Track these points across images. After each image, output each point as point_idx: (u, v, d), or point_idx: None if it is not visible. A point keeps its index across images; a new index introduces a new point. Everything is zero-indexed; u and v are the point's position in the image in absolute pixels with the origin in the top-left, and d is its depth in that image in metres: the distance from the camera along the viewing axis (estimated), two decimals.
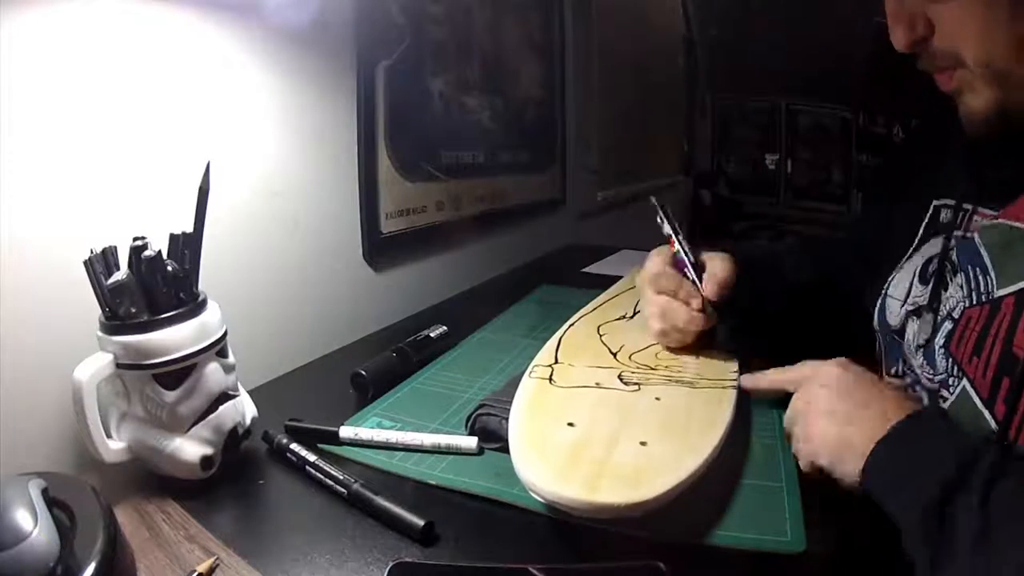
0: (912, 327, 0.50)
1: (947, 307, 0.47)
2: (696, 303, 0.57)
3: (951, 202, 0.49)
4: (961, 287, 0.46)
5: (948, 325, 0.46)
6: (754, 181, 3.39)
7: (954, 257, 0.48)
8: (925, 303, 0.49)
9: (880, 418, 0.39)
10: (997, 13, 0.39)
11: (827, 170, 3.23)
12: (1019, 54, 0.40)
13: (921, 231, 0.52)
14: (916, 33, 0.43)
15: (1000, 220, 0.44)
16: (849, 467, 0.39)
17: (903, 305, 0.52)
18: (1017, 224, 0.43)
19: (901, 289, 0.53)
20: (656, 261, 0.61)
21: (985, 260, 0.44)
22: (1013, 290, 0.41)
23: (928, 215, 0.52)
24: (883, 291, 0.55)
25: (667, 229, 0.61)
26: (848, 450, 0.40)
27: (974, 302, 0.44)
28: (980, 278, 0.44)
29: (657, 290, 0.60)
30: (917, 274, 0.51)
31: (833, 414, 0.42)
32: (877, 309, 0.56)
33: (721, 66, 3.02)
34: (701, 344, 0.60)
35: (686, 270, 0.58)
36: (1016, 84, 0.41)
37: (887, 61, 0.46)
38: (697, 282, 0.57)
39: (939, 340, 0.46)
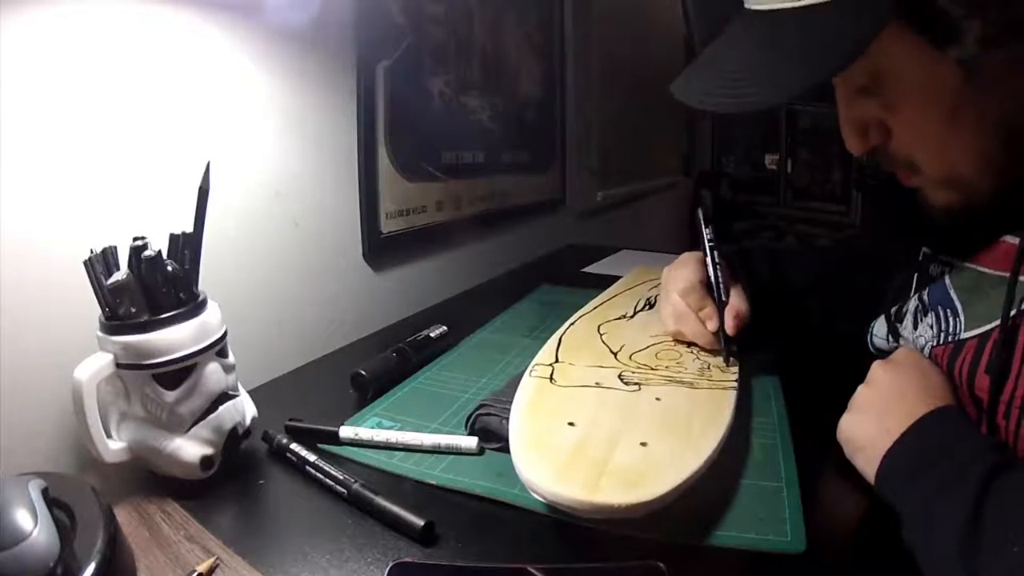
0: None
1: (917, 346, 0.49)
2: (712, 325, 0.59)
3: (940, 256, 0.50)
4: (931, 327, 0.47)
5: None
6: (754, 181, 3.39)
7: (925, 298, 0.49)
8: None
9: (886, 434, 0.40)
10: (958, 127, 0.39)
11: (827, 170, 3.23)
12: (980, 165, 0.40)
13: (916, 279, 0.52)
14: (870, 141, 0.43)
15: (969, 265, 0.45)
16: (863, 467, 0.42)
17: (888, 343, 0.54)
18: (985, 270, 0.44)
19: (882, 328, 0.55)
20: (690, 271, 0.62)
21: (955, 302, 0.45)
22: (977, 333, 0.42)
23: (920, 260, 0.52)
24: (870, 328, 0.57)
25: (707, 245, 0.62)
26: (860, 453, 0.43)
27: (940, 342, 0.46)
28: (950, 319, 0.45)
29: (684, 301, 0.61)
30: (894, 314, 0.53)
31: (859, 411, 0.44)
32: (869, 336, 0.58)
33: None
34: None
35: (714, 293, 0.60)
36: (975, 188, 0.41)
37: None
38: (721, 309, 0.59)
39: None
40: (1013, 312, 0.39)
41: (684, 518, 0.39)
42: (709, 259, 0.61)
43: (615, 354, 0.58)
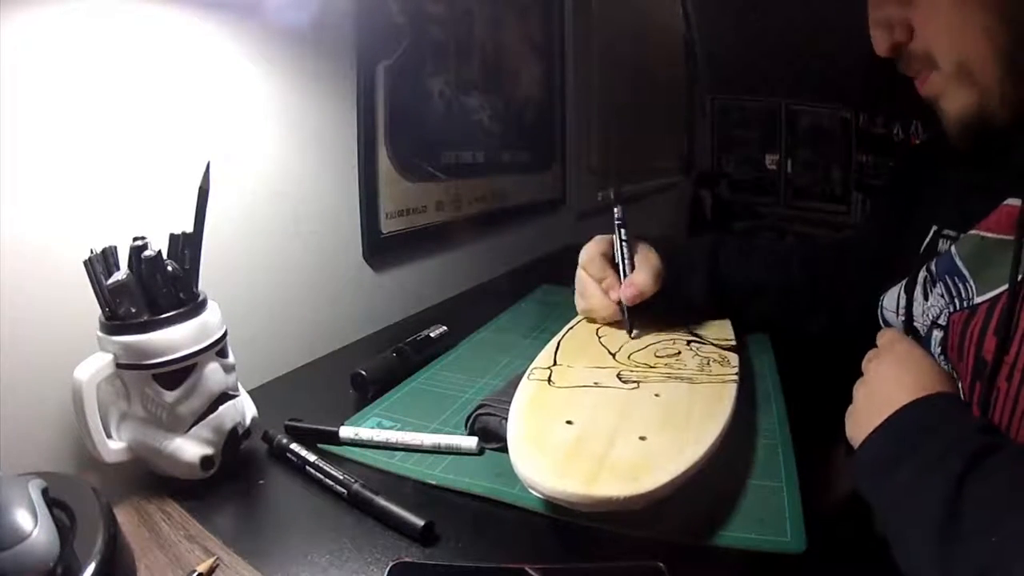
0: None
1: (930, 316, 0.49)
2: (614, 295, 0.63)
3: (946, 231, 0.51)
4: (942, 296, 0.48)
5: (938, 334, 0.48)
6: (754, 181, 3.39)
7: (932, 268, 0.49)
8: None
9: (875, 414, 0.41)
10: (967, 13, 0.41)
11: (827, 170, 3.23)
12: (989, 52, 0.40)
13: (922, 251, 0.53)
14: (895, 38, 0.45)
15: (973, 232, 0.46)
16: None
17: (897, 316, 0.54)
18: (988, 234, 0.44)
19: (891, 300, 0.56)
20: (595, 246, 0.67)
21: (963, 270, 0.46)
22: (989, 296, 0.43)
23: (928, 239, 0.53)
24: (880, 303, 0.58)
25: (617, 222, 0.67)
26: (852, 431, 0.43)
27: (957, 308, 0.46)
28: (960, 285, 0.46)
29: (586, 271, 0.66)
30: (904, 287, 0.53)
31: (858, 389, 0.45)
32: (880, 310, 0.58)
33: (721, 66, 3.02)
34: (700, 342, 0.60)
35: (617, 265, 0.65)
36: (988, 86, 0.41)
37: (887, 61, 0.47)
38: (621, 280, 0.63)
39: (936, 349, 0.48)
40: (1020, 277, 0.39)
41: (684, 518, 0.39)
42: (616, 235, 0.65)
43: (613, 355, 0.58)
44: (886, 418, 0.39)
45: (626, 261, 0.64)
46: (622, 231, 0.65)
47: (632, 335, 0.61)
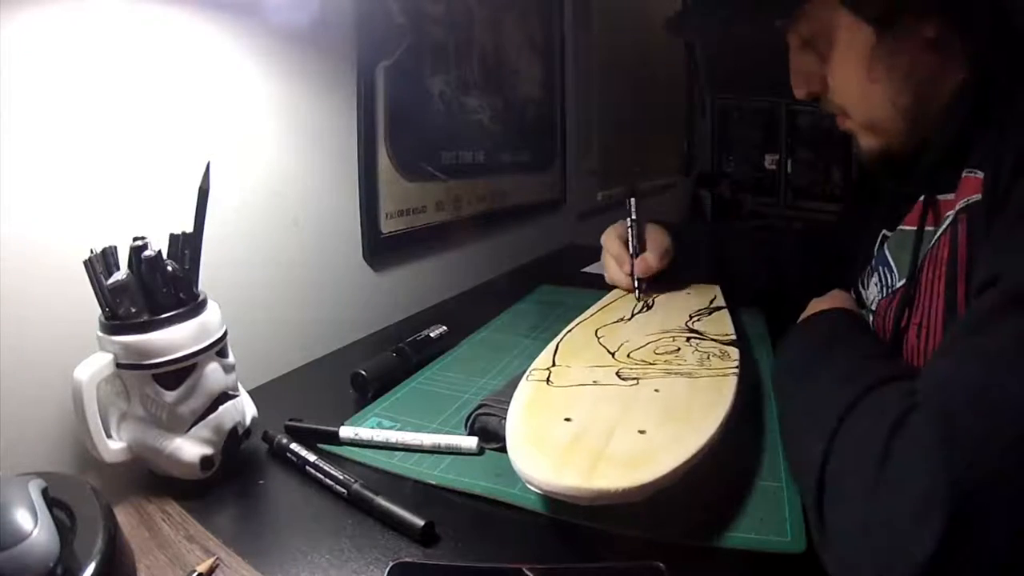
0: None
1: (869, 301, 0.59)
2: (626, 268, 0.78)
3: (884, 232, 0.60)
4: (876, 284, 0.58)
5: (871, 317, 0.57)
6: (754, 181, 3.39)
7: (872, 263, 0.59)
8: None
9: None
10: (873, 79, 0.48)
11: (827, 170, 3.23)
12: (893, 113, 0.49)
13: (875, 254, 0.61)
14: (811, 88, 0.54)
15: (900, 227, 0.55)
16: None
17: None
18: (908, 228, 0.53)
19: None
20: (613, 230, 0.83)
21: (889, 260, 0.56)
22: (902, 283, 0.52)
23: (879, 242, 0.61)
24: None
25: (630, 211, 0.82)
26: None
27: (884, 295, 0.55)
28: (887, 275, 0.55)
29: (605, 250, 0.82)
30: (860, 281, 0.63)
31: None
32: None
33: (721, 66, 3.02)
34: (702, 337, 0.61)
35: (628, 244, 0.80)
36: (892, 135, 0.51)
37: None
38: (633, 257, 0.78)
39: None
40: (921, 259, 0.49)
41: (684, 518, 0.39)
42: (628, 221, 0.80)
43: (612, 354, 0.58)
44: (798, 321, 0.53)
45: (634, 242, 0.79)
46: (632, 218, 0.80)
47: (639, 298, 0.76)
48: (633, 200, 0.82)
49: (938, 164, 0.48)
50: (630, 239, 0.80)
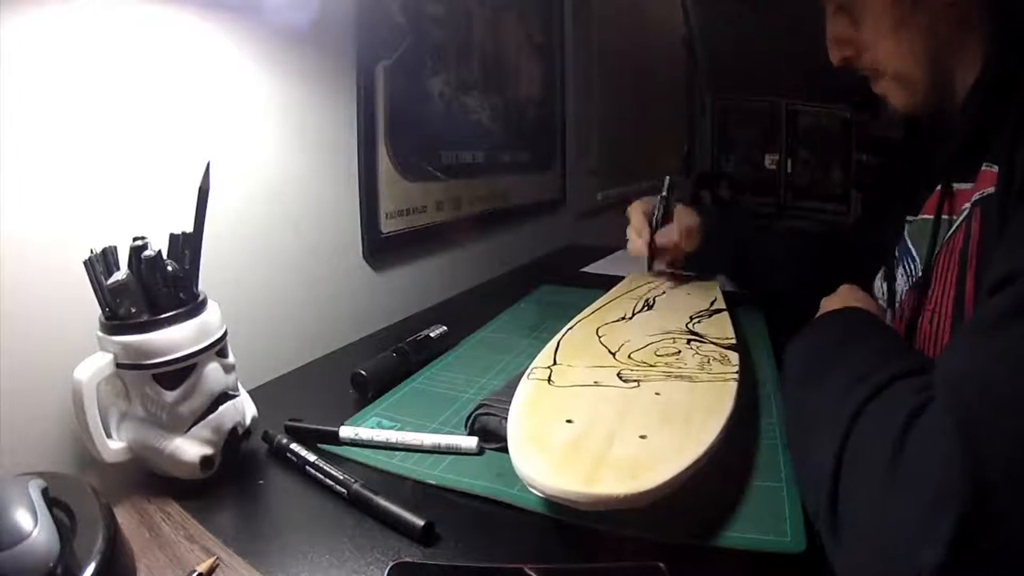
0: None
1: (897, 293, 0.60)
2: (646, 237, 0.83)
3: (908, 220, 0.60)
4: (902, 275, 0.59)
5: (896, 307, 0.58)
6: (754, 181, 3.38)
7: (896, 254, 0.61)
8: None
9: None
10: (902, 39, 0.51)
11: (827, 170, 3.23)
12: (918, 66, 0.52)
13: (899, 243, 0.61)
14: (845, 52, 0.56)
15: (921, 216, 0.56)
16: None
17: (883, 300, 0.63)
18: (926, 216, 0.54)
19: (877, 287, 0.65)
20: (639, 205, 0.86)
21: (911, 249, 0.57)
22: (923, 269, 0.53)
23: (904, 230, 0.61)
24: (874, 285, 0.66)
25: (662, 188, 0.86)
26: None
27: (910, 285, 0.56)
28: (910, 265, 0.57)
29: (630, 222, 0.86)
30: (883, 274, 0.64)
31: None
32: (874, 292, 0.66)
33: (721, 66, 3.01)
34: (702, 340, 0.61)
35: (653, 218, 0.84)
36: (920, 90, 0.53)
37: None
38: (652, 230, 0.83)
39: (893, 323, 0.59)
40: (938, 249, 0.50)
41: (684, 518, 0.39)
42: (658, 199, 0.85)
43: (613, 354, 0.58)
44: (810, 321, 0.53)
45: (658, 215, 0.84)
46: (662, 195, 0.85)
47: (650, 271, 0.85)
48: (668, 179, 0.86)
49: (957, 152, 0.50)
50: (656, 212, 0.84)
